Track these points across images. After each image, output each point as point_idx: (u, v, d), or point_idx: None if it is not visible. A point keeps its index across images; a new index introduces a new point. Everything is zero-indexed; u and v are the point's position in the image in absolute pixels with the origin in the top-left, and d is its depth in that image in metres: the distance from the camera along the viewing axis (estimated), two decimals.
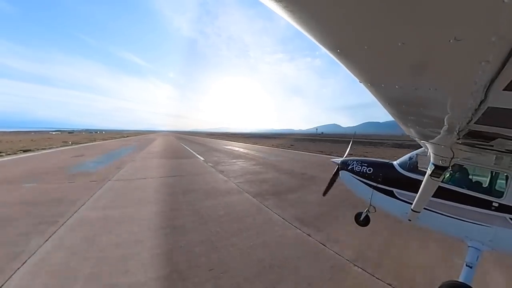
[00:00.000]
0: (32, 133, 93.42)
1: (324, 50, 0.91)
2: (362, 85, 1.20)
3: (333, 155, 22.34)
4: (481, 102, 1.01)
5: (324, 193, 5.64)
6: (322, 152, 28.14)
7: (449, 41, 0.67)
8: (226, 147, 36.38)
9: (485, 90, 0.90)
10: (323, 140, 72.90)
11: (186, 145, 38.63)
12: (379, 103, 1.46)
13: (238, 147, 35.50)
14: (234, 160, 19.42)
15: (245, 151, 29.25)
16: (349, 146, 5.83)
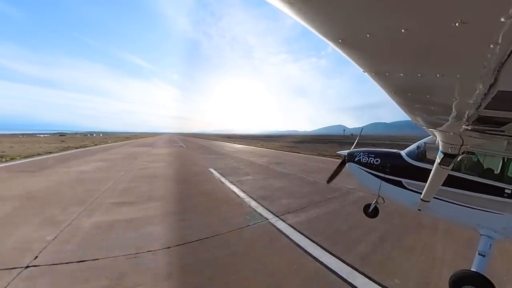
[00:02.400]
0: (20, 136, 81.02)
1: (328, 43, 0.90)
2: (368, 85, 1.18)
3: None
4: (490, 86, 0.98)
5: (328, 181, 5.67)
6: None
7: (455, 24, 0.65)
8: None
9: (495, 73, 0.87)
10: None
11: None
12: (385, 103, 1.44)
13: None
14: None
15: None
16: (356, 141, 5.78)
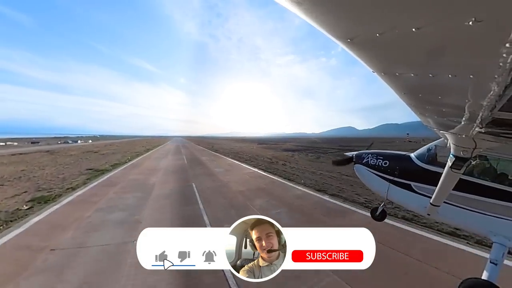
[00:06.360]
0: None
1: (336, 42, 0.89)
2: (377, 85, 1.16)
3: None
4: (505, 88, 0.94)
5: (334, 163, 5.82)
6: None
7: (469, 23, 0.63)
8: None
9: (510, 74, 0.84)
10: None
11: None
12: (396, 103, 1.41)
13: None
14: None
15: None
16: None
